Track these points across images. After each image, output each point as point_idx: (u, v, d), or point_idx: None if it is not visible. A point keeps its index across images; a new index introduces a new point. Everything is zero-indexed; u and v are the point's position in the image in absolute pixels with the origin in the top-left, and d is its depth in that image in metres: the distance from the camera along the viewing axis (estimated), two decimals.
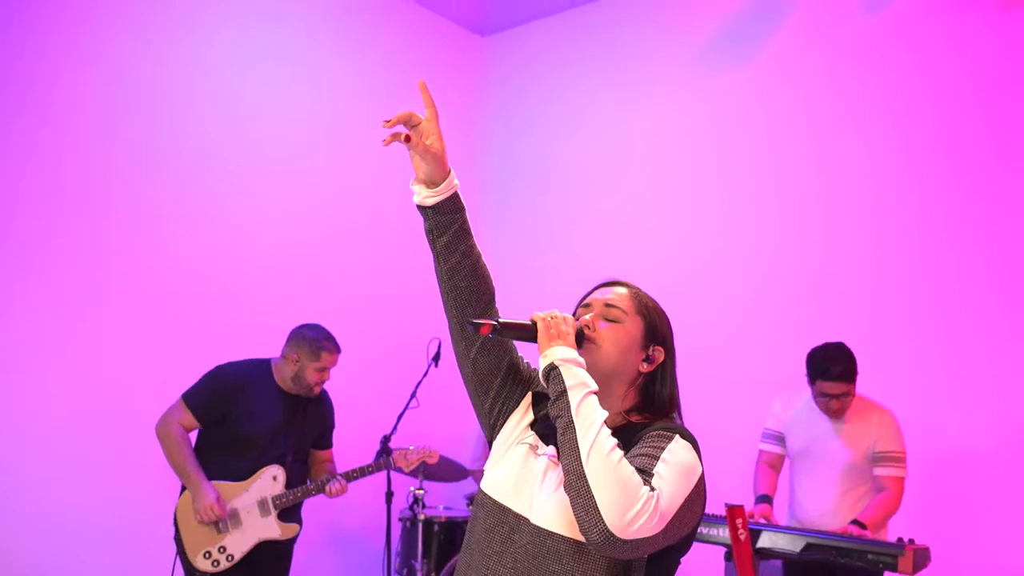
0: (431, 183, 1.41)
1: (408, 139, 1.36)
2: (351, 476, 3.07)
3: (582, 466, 1.22)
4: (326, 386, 3.13)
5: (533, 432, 1.46)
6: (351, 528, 4.43)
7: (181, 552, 2.80)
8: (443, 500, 4.57)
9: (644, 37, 4.62)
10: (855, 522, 2.69)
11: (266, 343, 3.23)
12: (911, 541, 2.52)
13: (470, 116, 5.31)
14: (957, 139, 3.58)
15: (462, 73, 5.30)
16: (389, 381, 4.15)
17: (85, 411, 3.35)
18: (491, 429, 1.52)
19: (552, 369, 1.31)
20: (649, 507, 1.19)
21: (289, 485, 2.96)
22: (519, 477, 1.39)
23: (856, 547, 2.50)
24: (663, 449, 1.30)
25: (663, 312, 1.52)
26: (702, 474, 1.33)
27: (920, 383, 3.45)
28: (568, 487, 1.24)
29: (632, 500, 1.18)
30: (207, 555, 2.80)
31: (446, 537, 4.05)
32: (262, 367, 3.01)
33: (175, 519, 2.84)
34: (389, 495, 3.68)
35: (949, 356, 3.47)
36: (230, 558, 2.82)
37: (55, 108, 3.39)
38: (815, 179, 3.95)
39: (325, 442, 3.20)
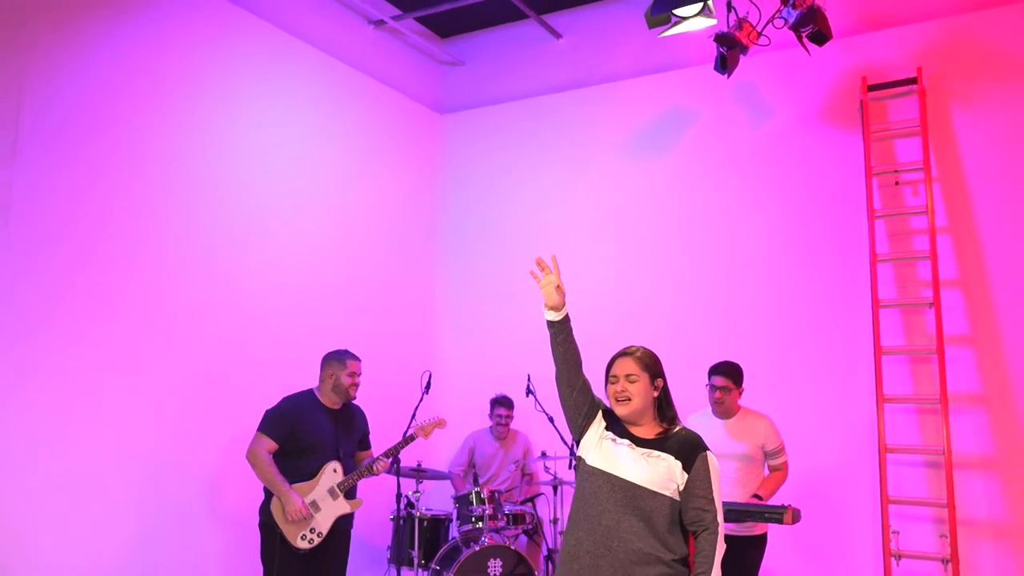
0: (556, 308, 2.52)
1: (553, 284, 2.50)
2: (389, 454, 4.09)
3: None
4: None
5: (610, 432, 2.57)
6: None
7: (281, 539, 3.72)
8: (426, 502, 5.54)
9: (581, 128, 5.84)
10: (755, 495, 3.91)
11: (286, 381, 4.17)
12: (790, 505, 3.74)
13: (429, 183, 6.34)
14: (819, 214, 5.01)
15: (422, 145, 6.33)
16: (392, 407, 5.10)
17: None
18: (580, 433, 2.61)
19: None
20: (721, 533, 2.41)
21: (345, 474, 3.94)
22: (609, 456, 2.51)
23: (756, 509, 3.72)
24: (710, 483, 2.45)
25: (656, 356, 2.62)
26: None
27: (788, 395, 4.84)
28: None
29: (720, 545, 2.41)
30: (303, 537, 3.76)
31: (432, 531, 5.04)
32: (307, 394, 4.00)
33: (271, 518, 3.72)
34: (399, 496, 4.62)
35: (813, 379, 4.89)
36: (320, 535, 3.82)
37: (103, 179, 4.16)
38: (714, 244, 5.29)
39: (366, 443, 4.21)
